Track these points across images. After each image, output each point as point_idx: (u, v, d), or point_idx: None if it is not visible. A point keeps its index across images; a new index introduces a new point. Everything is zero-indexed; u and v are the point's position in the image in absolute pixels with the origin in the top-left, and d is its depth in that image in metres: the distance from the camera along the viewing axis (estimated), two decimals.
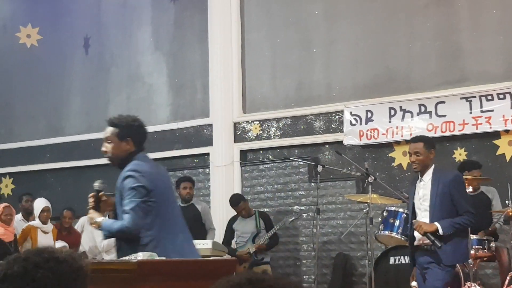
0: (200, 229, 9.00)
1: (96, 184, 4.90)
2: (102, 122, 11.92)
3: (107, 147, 4.77)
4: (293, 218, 9.35)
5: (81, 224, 10.16)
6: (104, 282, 3.70)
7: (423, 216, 5.93)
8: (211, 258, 4.89)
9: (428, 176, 6.00)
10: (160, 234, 4.46)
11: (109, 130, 4.79)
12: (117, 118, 4.88)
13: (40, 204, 9.29)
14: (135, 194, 4.48)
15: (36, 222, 9.18)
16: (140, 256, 3.96)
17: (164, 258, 4.19)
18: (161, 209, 4.53)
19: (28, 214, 9.74)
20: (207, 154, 10.75)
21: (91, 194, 4.80)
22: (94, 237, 9.70)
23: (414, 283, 6.69)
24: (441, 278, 5.80)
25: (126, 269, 3.83)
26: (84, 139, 11.84)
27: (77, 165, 11.82)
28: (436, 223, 5.79)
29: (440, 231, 5.77)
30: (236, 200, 9.24)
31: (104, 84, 11.89)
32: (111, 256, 9.02)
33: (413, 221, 5.96)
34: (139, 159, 4.69)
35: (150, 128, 11.17)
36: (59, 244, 8.98)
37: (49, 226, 9.26)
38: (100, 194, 4.84)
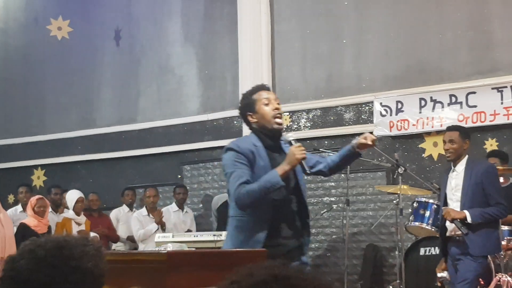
0: None
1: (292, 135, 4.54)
2: (133, 113, 12.15)
3: None
4: (325, 210, 9.35)
5: (115, 216, 10.28)
6: (134, 273, 3.73)
7: (454, 206, 5.91)
8: (243, 250, 4.89)
9: (461, 166, 5.97)
10: None
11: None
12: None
13: (74, 195, 9.38)
14: None
15: (70, 214, 9.28)
16: (170, 247, 3.99)
17: (193, 249, 4.23)
18: None
19: (56, 207, 9.85)
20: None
21: (299, 145, 4.34)
22: (130, 227, 9.83)
23: (440, 274, 6.66)
24: (473, 269, 5.77)
25: (156, 260, 3.85)
26: (115, 131, 11.94)
27: (108, 157, 11.91)
28: (465, 211, 5.77)
29: (469, 219, 5.74)
30: None
31: (134, 76, 11.96)
32: (147, 246, 9.13)
33: (442, 207, 5.93)
34: None
35: (180, 120, 11.41)
36: (91, 235, 9.07)
37: (82, 218, 9.37)
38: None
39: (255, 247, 4.20)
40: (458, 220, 5.77)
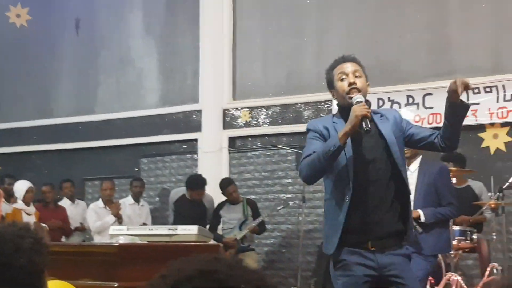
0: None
1: (360, 96, 3.91)
2: (91, 104, 12.05)
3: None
4: (281, 207, 9.39)
5: (81, 206, 10.22)
6: (85, 265, 3.73)
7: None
8: (195, 243, 4.90)
9: (415, 166, 6.04)
10: None
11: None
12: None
13: (23, 185, 9.26)
14: None
15: (19, 204, 9.15)
16: (122, 239, 3.99)
17: (146, 242, 4.23)
18: None
19: (9, 197, 9.72)
20: (196, 140, 10.76)
21: (362, 104, 3.84)
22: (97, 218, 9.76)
23: None
24: (423, 268, 5.84)
25: (107, 252, 3.86)
26: (73, 121, 11.82)
27: (65, 147, 11.80)
28: (419, 210, 5.84)
29: (422, 219, 5.82)
30: (226, 183, 9.26)
31: (94, 67, 11.86)
32: (103, 238, 9.07)
33: None
34: None
35: (139, 113, 11.36)
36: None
37: (32, 209, 9.26)
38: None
39: (336, 234, 3.81)
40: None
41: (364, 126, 3.76)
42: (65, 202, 10.31)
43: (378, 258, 3.84)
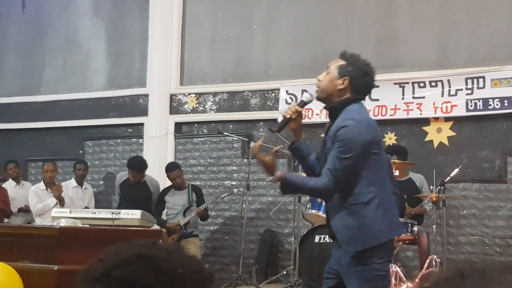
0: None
1: (307, 95, 4.27)
2: (36, 85, 11.85)
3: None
4: (226, 194, 9.40)
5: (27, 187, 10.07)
6: (25, 247, 3.69)
7: None
8: (136, 228, 4.88)
9: None
10: (382, 190, 4.08)
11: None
12: (351, 53, 4.36)
13: None
14: (347, 149, 3.95)
15: None
16: (63, 222, 3.95)
17: (87, 225, 4.20)
18: (382, 162, 4.15)
19: None
20: (142, 124, 10.70)
21: (296, 105, 4.19)
22: (23, 201, 9.64)
23: None
24: None
25: (48, 234, 3.82)
26: (17, 101, 11.64)
27: (8, 127, 11.62)
28: None
29: None
30: (172, 167, 9.21)
31: (40, 46, 11.68)
32: (44, 221, 8.96)
33: None
34: (355, 107, 4.14)
35: (84, 95, 11.23)
36: None
37: None
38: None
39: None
40: None
41: (277, 125, 4.13)
42: (10, 184, 10.15)
43: None
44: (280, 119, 4.17)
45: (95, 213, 7.45)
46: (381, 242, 3.98)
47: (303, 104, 4.27)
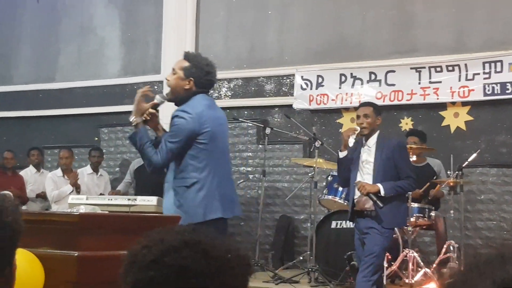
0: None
1: (158, 97, 4.83)
2: (51, 72, 11.86)
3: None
4: (242, 181, 9.41)
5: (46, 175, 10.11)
6: (46, 233, 3.69)
7: (365, 179, 6.01)
8: (155, 214, 4.88)
9: (372, 141, 6.08)
10: (208, 178, 4.67)
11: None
12: (194, 54, 5.03)
13: None
14: (175, 135, 4.67)
15: None
16: (83, 209, 3.95)
17: (106, 212, 4.20)
18: (213, 152, 4.72)
19: None
20: (157, 111, 10.67)
21: (150, 104, 4.73)
22: (41, 188, 9.67)
23: None
24: (380, 243, 5.89)
25: (68, 221, 3.81)
26: (32, 89, 11.67)
27: (24, 115, 11.65)
28: (379, 184, 5.88)
29: (382, 192, 5.86)
30: None
31: (55, 34, 11.69)
32: (61, 207, 9.00)
33: (356, 182, 6.04)
34: (196, 99, 4.77)
35: (99, 82, 11.23)
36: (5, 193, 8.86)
37: None
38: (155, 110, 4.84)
39: None
40: (372, 193, 5.89)
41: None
42: (30, 170, 10.22)
43: None
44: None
45: (111, 199, 7.47)
46: (195, 222, 4.39)
47: (155, 106, 4.81)
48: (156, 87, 10.68)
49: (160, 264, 1.43)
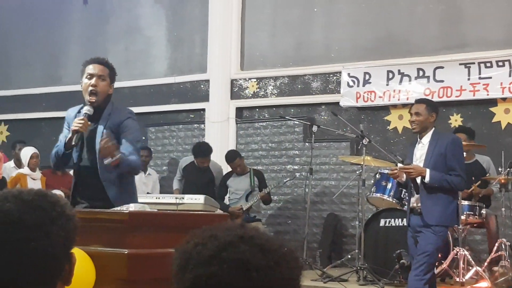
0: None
1: (89, 108, 4.80)
2: None
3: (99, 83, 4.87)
4: (288, 179, 9.38)
5: None
6: (96, 231, 3.72)
7: (417, 177, 5.93)
8: (203, 212, 4.89)
9: (427, 138, 5.99)
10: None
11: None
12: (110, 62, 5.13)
13: (28, 151, 9.28)
14: (139, 135, 4.99)
15: (25, 170, 9.18)
16: (132, 207, 3.97)
17: (156, 210, 4.22)
18: None
19: (20, 162, 9.74)
20: (203, 109, 10.73)
21: (82, 118, 4.71)
22: None
23: None
24: (433, 242, 5.80)
25: (117, 219, 3.84)
26: (81, 89, 11.76)
27: None
28: (427, 169, 5.79)
29: (427, 179, 5.77)
30: (232, 156, 9.25)
31: (102, 34, 11.81)
32: None
33: (406, 163, 5.98)
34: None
35: (146, 81, 11.31)
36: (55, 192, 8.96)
37: (38, 174, 9.28)
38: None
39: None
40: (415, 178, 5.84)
41: (73, 139, 4.62)
42: None
43: None
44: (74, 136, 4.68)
45: (158, 198, 7.52)
46: None
47: (87, 116, 4.75)
48: (202, 85, 10.72)
49: (219, 259, 1.43)
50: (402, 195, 7.62)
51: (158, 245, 3.86)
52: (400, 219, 7.38)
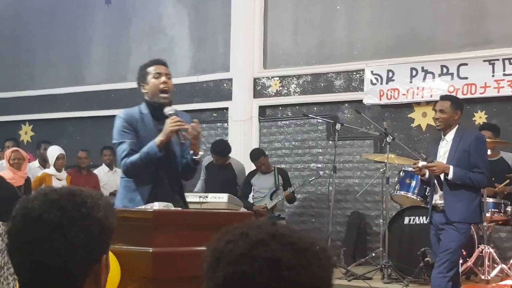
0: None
1: (170, 108, 4.76)
2: (123, 72, 12.05)
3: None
4: (314, 178, 9.36)
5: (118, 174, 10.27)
6: (121, 230, 3.74)
7: (441, 174, 5.90)
8: (228, 211, 4.91)
9: (451, 135, 5.97)
10: None
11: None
12: None
13: (54, 151, 9.31)
14: None
15: (51, 170, 9.22)
16: (156, 206, 4.00)
17: (179, 208, 4.24)
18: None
19: (45, 162, 9.81)
20: (226, 108, 10.76)
21: (174, 118, 4.62)
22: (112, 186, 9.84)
23: None
24: (456, 239, 5.78)
25: (142, 218, 3.87)
26: (105, 89, 11.88)
27: (97, 114, 11.86)
28: (451, 166, 5.77)
29: (450, 175, 5.75)
30: (256, 155, 9.25)
31: (125, 34, 11.87)
32: None
33: (429, 160, 5.95)
34: None
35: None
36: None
37: (63, 174, 9.33)
38: None
39: (138, 206, 4.38)
40: (439, 175, 5.81)
41: (180, 138, 4.57)
42: (103, 169, 10.42)
43: None
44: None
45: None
46: None
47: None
48: (225, 84, 10.74)
49: (250, 258, 1.43)
50: (426, 193, 7.58)
51: (182, 243, 3.88)
52: (424, 217, 7.35)
